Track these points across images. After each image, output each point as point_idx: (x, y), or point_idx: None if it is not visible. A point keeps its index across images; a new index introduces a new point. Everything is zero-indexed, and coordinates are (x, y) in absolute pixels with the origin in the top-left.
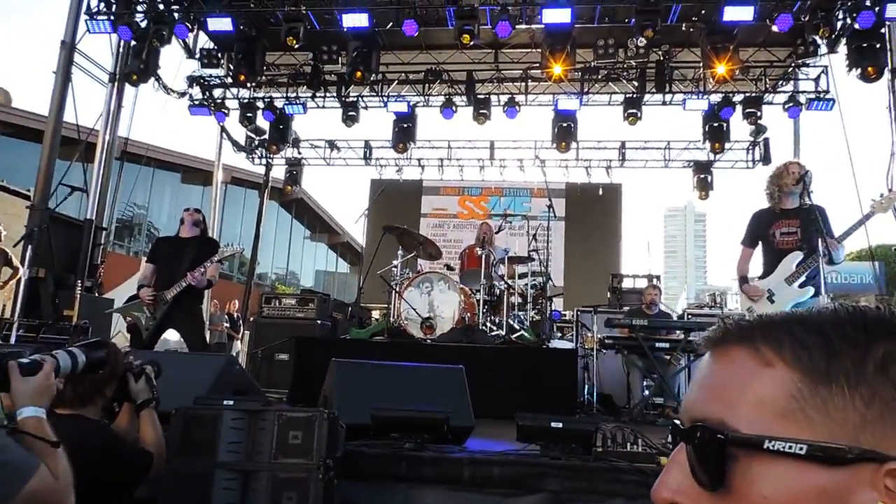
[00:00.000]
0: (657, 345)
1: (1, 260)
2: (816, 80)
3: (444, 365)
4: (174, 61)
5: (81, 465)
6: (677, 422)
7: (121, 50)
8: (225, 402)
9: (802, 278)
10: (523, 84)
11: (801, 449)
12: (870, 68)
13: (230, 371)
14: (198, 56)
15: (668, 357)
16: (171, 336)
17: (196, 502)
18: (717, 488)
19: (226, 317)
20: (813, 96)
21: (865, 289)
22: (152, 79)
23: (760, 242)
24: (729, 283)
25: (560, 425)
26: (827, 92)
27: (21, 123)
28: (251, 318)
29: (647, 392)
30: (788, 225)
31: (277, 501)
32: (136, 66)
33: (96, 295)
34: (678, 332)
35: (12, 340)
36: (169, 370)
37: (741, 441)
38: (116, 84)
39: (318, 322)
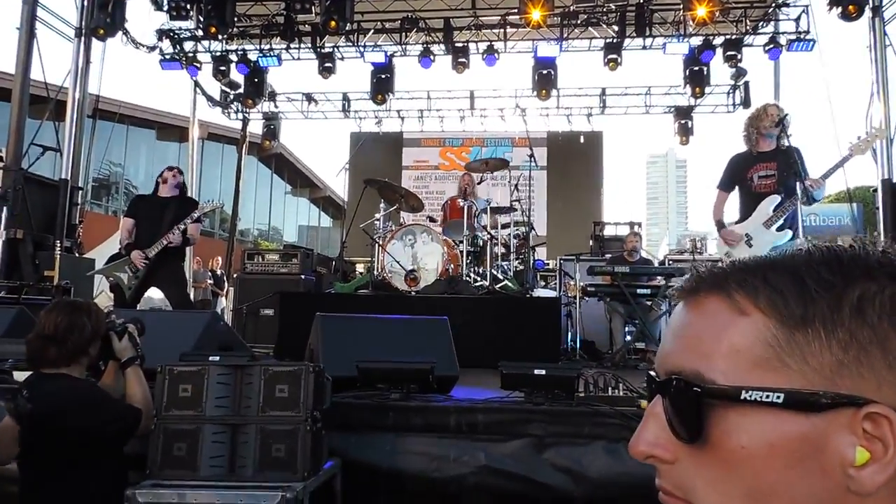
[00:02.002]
0: (638, 291)
1: None
2: (797, 20)
3: (429, 316)
4: (142, 14)
5: (69, 422)
6: (652, 373)
7: (85, 3)
8: (211, 358)
9: (780, 221)
10: (502, 31)
11: (778, 398)
12: (850, 7)
13: (215, 327)
14: (166, 8)
15: (649, 303)
16: (155, 294)
17: (185, 456)
18: (695, 441)
19: (209, 274)
20: (793, 37)
21: (843, 231)
22: (120, 33)
23: (737, 186)
24: (710, 227)
25: (543, 372)
26: (807, 32)
27: None
28: (235, 275)
29: (628, 337)
30: (766, 168)
31: (267, 453)
32: (102, 19)
33: (77, 255)
34: (659, 277)
35: None
36: (154, 328)
37: (717, 393)
38: (83, 39)
39: (302, 277)
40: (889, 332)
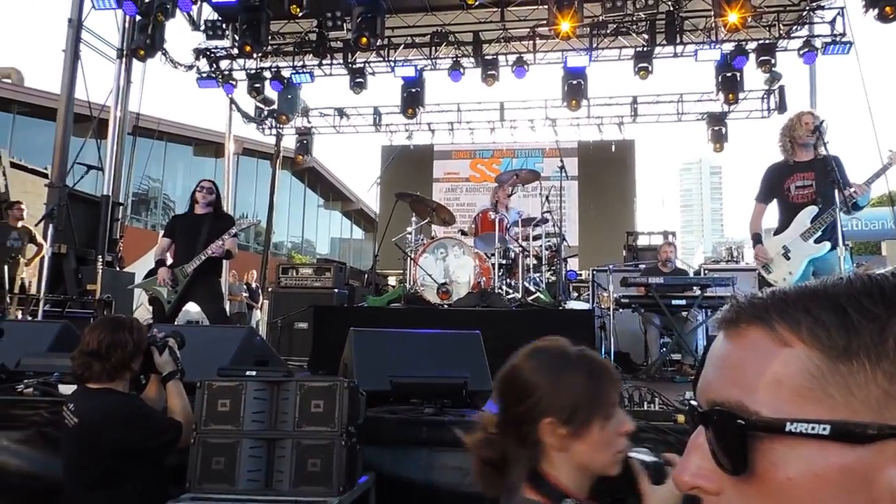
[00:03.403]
0: (674, 302)
1: (26, 238)
2: (832, 22)
3: (461, 331)
4: (181, 34)
5: (113, 435)
6: (694, 403)
7: (126, 25)
8: (248, 373)
9: (818, 233)
10: (531, 42)
11: (824, 429)
12: (887, 8)
13: (251, 342)
14: (203, 28)
15: (685, 314)
16: (192, 308)
17: (224, 469)
18: (740, 472)
19: (244, 287)
20: (829, 40)
21: (885, 235)
22: (159, 53)
23: (775, 198)
24: (746, 235)
25: None
26: (843, 35)
27: (34, 102)
28: (269, 289)
29: (664, 349)
30: (803, 178)
31: (302, 467)
32: (142, 41)
33: (117, 269)
34: (695, 288)
35: (39, 316)
36: (192, 342)
37: (762, 425)
38: (124, 60)
39: (336, 290)
40: None
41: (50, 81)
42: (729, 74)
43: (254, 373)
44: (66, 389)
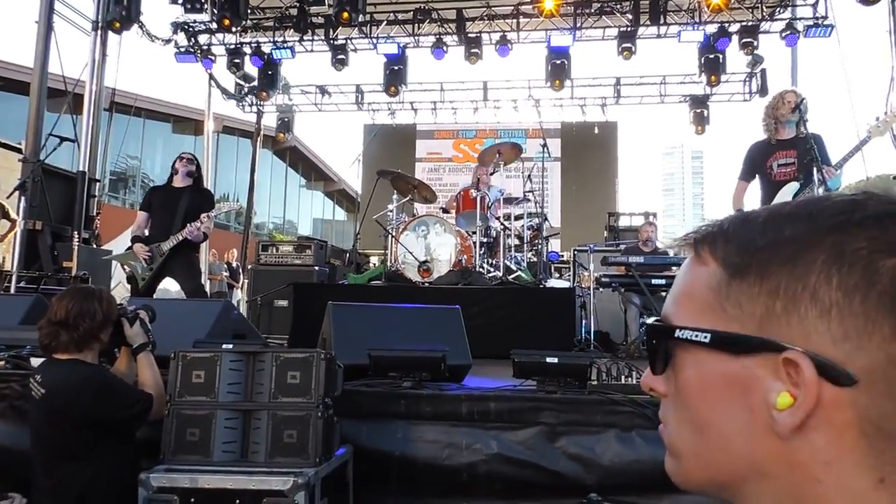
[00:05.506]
0: (653, 281)
1: None
2: (814, 5)
3: (441, 305)
4: (158, 7)
5: (82, 407)
6: None
7: None
8: (224, 346)
9: None
10: (515, 21)
11: (705, 338)
12: None
13: (228, 316)
14: (180, 1)
15: (664, 293)
16: (171, 286)
17: (199, 441)
18: (656, 372)
19: (224, 266)
20: (811, 23)
21: None
22: (136, 26)
23: (757, 175)
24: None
25: (555, 360)
26: (825, 17)
27: (6, 76)
28: (249, 267)
29: (643, 329)
30: (786, 156)
31: (279, 438)
32: (117, 13)
33: (94, 246)
34: (674, 268)
35: (12, 291)
36: (168, 316)
37: (661, 329)
38: (100, 32)
39: (316, 268)
40: (822, 283)
41: (22, 54)
42: (711, 56)
43: (230, 345)
44: (38, 362)
